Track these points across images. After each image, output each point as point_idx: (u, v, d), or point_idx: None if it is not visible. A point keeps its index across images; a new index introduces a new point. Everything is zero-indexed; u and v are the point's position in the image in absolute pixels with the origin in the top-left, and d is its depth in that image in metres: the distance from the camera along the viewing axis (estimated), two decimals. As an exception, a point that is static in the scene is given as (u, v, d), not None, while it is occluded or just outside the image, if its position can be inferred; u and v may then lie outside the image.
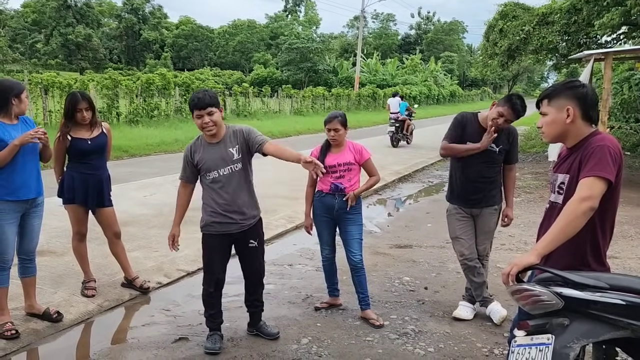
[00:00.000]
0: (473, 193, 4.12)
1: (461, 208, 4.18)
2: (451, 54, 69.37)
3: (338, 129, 4.04)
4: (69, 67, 59.66)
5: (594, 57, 10.06)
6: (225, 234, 3.58)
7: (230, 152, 3.50)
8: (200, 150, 3.53)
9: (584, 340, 2.12)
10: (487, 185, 4.12)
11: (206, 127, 3.40)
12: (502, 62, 15.54)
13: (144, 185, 9.18)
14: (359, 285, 4.15)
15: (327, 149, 4.15)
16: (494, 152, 4.04)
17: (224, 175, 3.50)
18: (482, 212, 4.16)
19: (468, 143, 4.02)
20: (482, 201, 4.13)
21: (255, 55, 65.00)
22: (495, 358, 3.59)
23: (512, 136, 4.13)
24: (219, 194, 3.51)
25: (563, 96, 2.40)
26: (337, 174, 4.07)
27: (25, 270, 3.88)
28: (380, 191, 10.14)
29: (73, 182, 4.23)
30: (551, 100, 2.44)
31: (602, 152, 2.26)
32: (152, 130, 16.50)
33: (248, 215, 3.60)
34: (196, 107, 3.38)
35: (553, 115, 2.42)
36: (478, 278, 4.14)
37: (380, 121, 27.64)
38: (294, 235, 6.71)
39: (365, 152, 4.16)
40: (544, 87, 67.03)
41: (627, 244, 6.36)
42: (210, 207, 3.55)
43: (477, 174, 4.08)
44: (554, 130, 2.45)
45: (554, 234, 2.21)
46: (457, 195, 4.21)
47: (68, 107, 4.15)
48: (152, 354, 3.57)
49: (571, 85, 2.42)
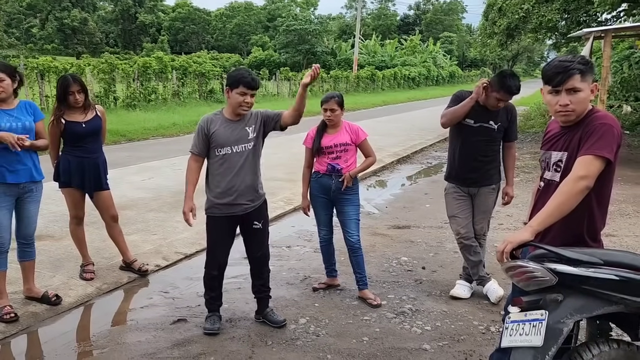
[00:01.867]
0: (471, 171, 4.10)
1: (459, 187, 4.18)
2: (450, 35, 68.81)
3: (334, 109, 4.03)
4: (65, 52, 59.23)
5: (594, 35, 9.99)
6: (231, 216, 3.56)
7: (246, 131, 3.51)
8: (218, 124, 3.49)
9: (578, 315, 2.14)
10: (485, 164, 4.10)
11: (244, 107, 3.44)
12: (501, 41, 15.41)
13: (142, 169, 9.17)
14: (356, 266, 4.17)
15: (324, 129, 4.13)
16: (492, 129, 4.02)
17: (236, 153, 3.48)
18: (479, 191, 4.15)
19: (466, 120, 4.00)
20: (479, 180, 4.12)
21: (252, 37, 64.47)
22: (491, 335, 3.62)
23: (510, 113, 4.10)
24: (227, 173, 3.48)
25: (591, 72, 2.31)
26: (334, 154, 4.06)
27: (24, 254, 3.89)
28: (378, 172, 10.13)
29: (69, 166, 4.22)
30: (585, 75, 2.29)
31: (603, 130, 2.23)
32: (149, 114, 16.43)
33: (254, 196, 3.59)
34: (248, 86, 3.39)
35: (587, 92, 2.30)
36: (474, 257, 4.15)
37: (379, 103, 27.53)
38: (292, 217, 6.72)
39: (362, 132, 4.14)
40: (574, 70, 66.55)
41: (625, 222, 6.37)
42: (218, 187, 3.51)
43: (475, 152, 4.06)
44: (583, 108, 2.32)
45: (549, 211, 2.20)
46: (455, 174, 4.20)
47: (60, 91, 4.12)
48: (151, 336, 3.60)
49: (587, 61, 2.32)
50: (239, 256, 4.54)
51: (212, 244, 3.66)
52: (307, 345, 3.47)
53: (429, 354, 3.38)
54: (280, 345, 3.47)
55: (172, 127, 14.74)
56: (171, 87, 20.18)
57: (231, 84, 3.44)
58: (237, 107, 3.44)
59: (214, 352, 3.36)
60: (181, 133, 14.25)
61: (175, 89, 20.25)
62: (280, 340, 3.53)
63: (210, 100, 21.10)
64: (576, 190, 2.18)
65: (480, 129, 4.00)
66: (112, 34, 71.55)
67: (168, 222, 6.10)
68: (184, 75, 20.85)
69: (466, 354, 3.39)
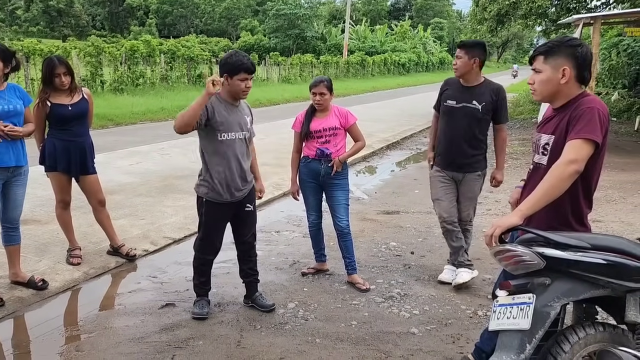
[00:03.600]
0: (456, 156, 4.09)
1: (444, 171, 4.18)
2: (441, 21, 68.63)
3: (324, 93, 4.00)
4: (51, 35, 58.24)
5: (583, 21, 9.99)
6: (231, 203, 3.54)
7: (245, 119, 3.52)
8: (222, 107, 3.40)
9: (565, 299, 2.16)
10: (471, 149, 4.07)
11: (245, 92, 3.41)
12: (491, 27, 15.41)
13: (129, 154, 9.08)
14: (345, 251, 4.17)
15: (312, 114, 4.11)
16: (475, 109, 3.97)
17: (239, 139, 3.47)
18: (465, 177, 4.14)
19: (448, 101, 4.07)
20: (465, 166, 4.10)
21: (242, 21, 63.81)
22: (479, 319, 3.65)
23: (496, 94, 4.01)
24: (230, 159, 3.44)
25: (561, 55, 2.31)
26: (323, 139, 4.04)
27: (9, 239, 3.84)
28: (368, 158, 10.13)
29: (55, 149, 4.16)
30: (548, 57, 2.34)
31: (591, 114, 2.22)
32: (137, 98, 16.25)
33: (248, 181, 3.61)
34: (247, 71, 3.35)
35: (548, 73, 2.34)
36: (456, 242, 4.15)
37: (368, 89, 27.47)
38: (281, 202, 6.71)
39: (351, 116, 4.12)
40: (536, 52, 66.49)
41: (611, 208, 6.44)
42: (220, 175, 3.43)
43: (460, 135, 4.04)
44: (546, 89, 2.37)
45: (538, 195, 2.20)
46: (441, 158, 4.20)
47: (45, 73, 4.05)
48: (139, 320, 3.58)
49: (570, 44, 2.31)
50: (228, 241, 4.50)
51: (210, 230, 3.59)
52: (295, 330, 3.48)
53: (417, 337, 3.41)
54: (269, 330, 3.47)
55: (161, 112, 14.60)
56: (159, 71, 19.95)
57: (230, 70, 3.33)
58: (240, 93, 3.41)
59: (202, 337, 3.36)
60: (169, 118, 14.11)
61: (163, 73, 20.03)
62: (269, 325, 3.54)
63: (199, 85, 20.90)
64: (566, 174, 2.17)
65: (463, 110, 3.99)
66: (99, 17, 70.46)
67: (156, 206, 6.06)
68: (172, 60, 20.61)
69: (454, 337, 3.42)
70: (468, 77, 4.02)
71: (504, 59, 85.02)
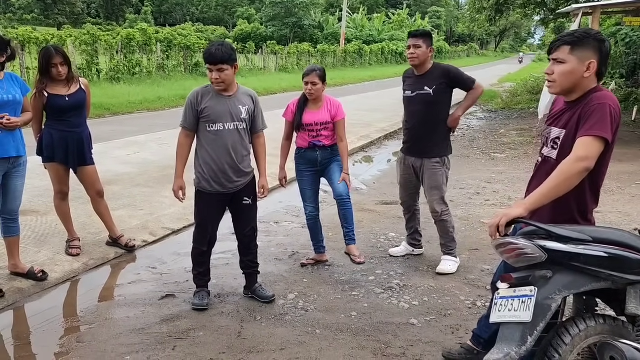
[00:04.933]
0: (414, 140, 4.20)
1: (406, 156, 4.29)
2: (438, 9, 68.42)
3: (316, 82, 3.98)
4: (46, 22, 57.76)
5: (582, 11, 9.95)
6: (221, 193, 3.52)
7: (239, 109, 3.44)
8: (209, 98, 3.39)
9: (566, 291, 2.16)
10: (428, 134, 4.11)
11: (214, 83, 3.34)
12: (489, 16, 15.35)
13: (127, 144, 9.04)
14: (344, 219, 4.22)
15: (305, 104, 4.12)
16: (428, 94, 4.03)
17: (228, 130, 3.41)
18: (424, 164, 4.15)
19: (405, 92, 4.19)
20: (422, 151, 4.15)
21: (238, 10, 63.44)
22: (477, 310, 3.67)
23: (446, 73, 4.03)
24: (219, 150, 3.41)
25: (589, 48, 2.24)
26: (314, 132, 4.09)
27: (8, 230, 3.83)
28: (366, 148, 10.12)
29: (52, 140, 4.14)
30: (575, 48, 2.25)
31: (603, 111, 2.19)
32: (134, 87, 16.16)
33: (244, 173, 3.55)
34: (207, 62, 3.30)
35: (574, 65, 2.25)
36: (409, 223, 4.54)
37: (366, 78, 27.37)
38: (280, 192, 6.69)
39: (341, 111, 4.17)
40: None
41: (609, 199, 6.45)
42: (208, 165, 3.44)
43: (415, 121, 4.15)
44: (568, 81, 2.29)
45: (546, 190, 2.18)
46: (404, 143, 4.33)
47: (42, 63, 4.01)
48: (139, 311, 3.59)
49: (599, 38, 2.25)
50: (228, 232, 4.52)
51: (202, 220, 3.61)
52: (295, 321, 3.49)
53: (417, 328, 3.42)
54: (269, 321, 3.48)
55: (158, 101, 14.53)
56: (156, 60, 19.83)
57: (205, 60, 3.37)
58: (212, 84, 3.37)
59: (202, 328, 3.37)
60: (167, 107, 14.06)
61: (160, 62, 19.91)
62: (269, 316, 3.55)
63: (196, 74, 20.80)
64: (575, 171, 2.15)
65: (417, 98, 4.08)
66: (94, 4, 69.82)
67: (155, 197, 6.05)
68: (169, 48, 20.49)
69: (453, 328, 3.44)
70: (424, 66, 4.07)
71: (501, 48, 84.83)
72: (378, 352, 3.13)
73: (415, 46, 3.99)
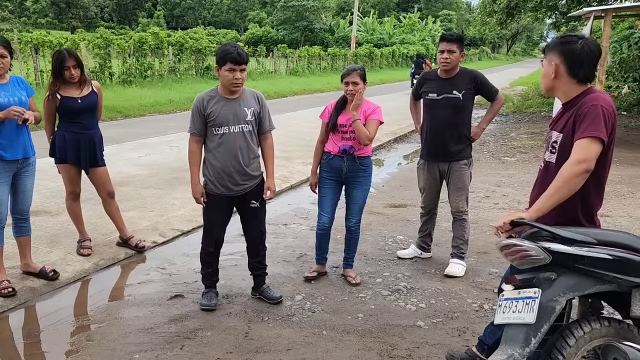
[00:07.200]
0: (441, 144, 4.18)
1: (429, 163, 4.30)
2: (450, 12, 68.15)
3: (357, 82, 3.76)
4: (60, 26, 58.50)
5: (594, 14, 9.89)
6: (230, 197, 3.55)
7: (244, 111, 3.45)
8: (214, 102, 3.42)
9: (570, 293, 2.17)
10: (454, 138, 4.13)
11: (235, 83, 3.36)
12: (501, 20, 15.30)
13: (138, 146, 9.13)
14: (347, 245, 4.13)
15: (343, 105, 3.90)
16: (456, 97, 4.06)
17: (233, 133, 3.43)
18: (451, 167, 4.20)
19: (429, 95, 4.17)
20: (450, 155, 4.17)
21: (250, 13, 63.75)
22: (485, 313, 3.67)
23: (474, 79, 4.12)
24: (224, 153, 3.44)
25: (553, 51, 2.38)
26: (347, 134, 3.85)
27: (20, 230, 3.90)
28: (375, 151, 10.12)
29: (65, 142, 4.20)
30: (546, 53, 2.43)
31: (595, 112, 2.22)
32: (145, 90, 16.31)
33: (251, 176, 3.56)
34: (234, 61, 3.30)
35: (546, 67, 2.42)
36: (424, 225, 4.57)
37: (376, 81, 27.35)
38: (289, 195, 6.73)
39: (378, 113, 3.87)
40: (543, 46, 66.46)
41: (619, 203, 6.41)
42: (215, 167, 3.48)
43: (443, 123, 4.13)
44: (544, 83, 2.47)
45: (549, 196, 2.21)
46: (427, 149, 4.31)
47: (55, 65, 4.08)
48: (148, 311, 3.63)
49: (562, 41, 2.37)
50: (236, 233, 4.56)
51: (209, 221, 3.66)
52: (302, 322, 3.51)
53: (423, 330, 3.43)
54: (276, 321, 3.51)
55: (169, 104, 14.65)
56: (167, 63, 19.99)
57: (218, 61, 3.37)
58: (229, 84, 3.38)
59: (210, 328, 3.40)
60: (178, 110, 14.17)
61: (171, 65, 20.07)
62: (277, 317, 3.57)
63: (207, 77, 20.94)
64: (576, 173, 2.17)
65: (443, 100, 4.07)
66: (107, 8, 70.58)
67: (165, 198, 6.11)
68: (181, 52, 20.64)
69: (460, 330, 3.44)
70: (453, 70, 4.10)
71: (513, 51, 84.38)
72: (384, 353, 3.14)
73: (449, 51, 3.99)
